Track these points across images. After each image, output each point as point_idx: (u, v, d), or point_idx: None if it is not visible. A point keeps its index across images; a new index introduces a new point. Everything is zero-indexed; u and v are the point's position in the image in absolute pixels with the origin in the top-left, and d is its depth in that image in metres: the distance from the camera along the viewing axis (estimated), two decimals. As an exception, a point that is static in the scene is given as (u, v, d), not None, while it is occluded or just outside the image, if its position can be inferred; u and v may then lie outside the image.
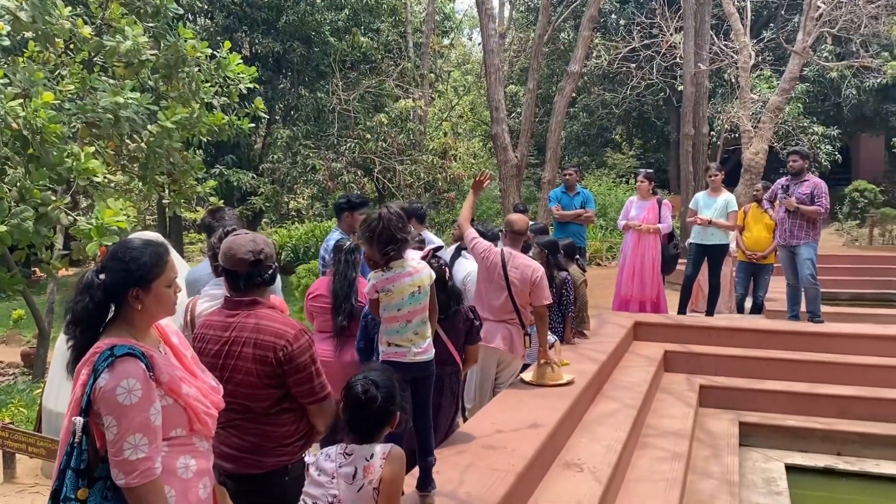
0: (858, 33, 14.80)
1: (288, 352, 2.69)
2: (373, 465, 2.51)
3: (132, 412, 2.08)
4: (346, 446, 2.57)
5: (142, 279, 2.22)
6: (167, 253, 2.32)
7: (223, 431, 2.80)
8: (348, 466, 2.52)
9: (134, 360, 2.12)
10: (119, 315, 2.25)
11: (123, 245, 2.28)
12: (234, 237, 2.88)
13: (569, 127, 24.06)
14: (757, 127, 13.28)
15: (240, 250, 2.80)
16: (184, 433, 2.28)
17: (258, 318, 2.76)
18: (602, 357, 5.92)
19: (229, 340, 2.76)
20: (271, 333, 2.71)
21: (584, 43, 11.85)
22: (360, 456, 2.54)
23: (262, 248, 2.82)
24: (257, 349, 2.70)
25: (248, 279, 2.80)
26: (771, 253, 9.02)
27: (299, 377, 2.73)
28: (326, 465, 2.56)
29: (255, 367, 2.70)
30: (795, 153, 7.82)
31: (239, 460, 2.77)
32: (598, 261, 17.34)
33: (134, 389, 2.09)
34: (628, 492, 4.36)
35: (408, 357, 3.23)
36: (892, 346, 6.87)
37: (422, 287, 3.26)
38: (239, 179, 15.12)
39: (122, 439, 2.07)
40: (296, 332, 2.75)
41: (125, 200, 5.61)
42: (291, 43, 16.50)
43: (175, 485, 2.24)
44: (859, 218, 18.16)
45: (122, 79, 6.41)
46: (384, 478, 2.49)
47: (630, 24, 18.33)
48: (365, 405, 2.55)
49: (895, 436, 5.86)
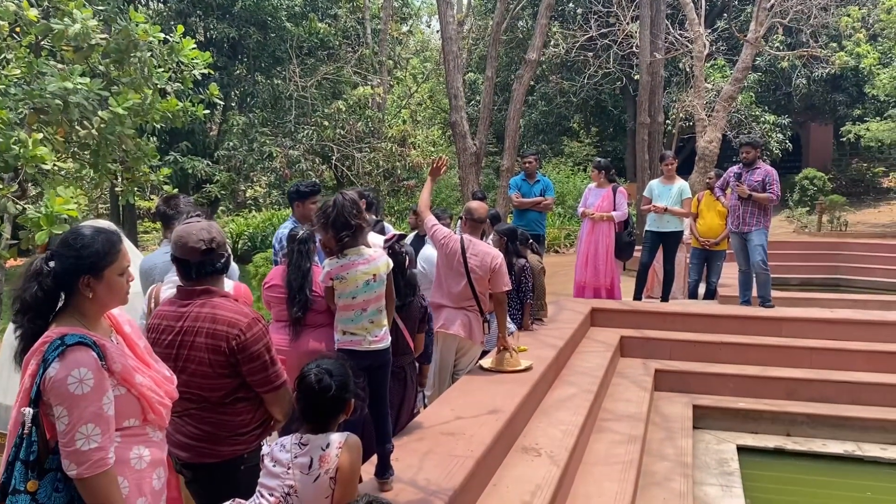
0: (808, 24, 15.14)
1: (241, 341, 2.67)
2: (329, 454, 2.48)
3: (84, 402, 2.05)
4: (301, 436, 2.54)
5: (93, 266, 2.18)
6: (120, 241, 2.28)
7: (179, 420, 2.78)
8: (304, 457, 2.49)
9: (85, 349, 2.09)
10: (69, 304, 2.21)
11: (75, 232, 2.24)
12: (184, 225, 2.84)
13: (527, 115, 24.16)
14: (711, 116, 13.50)
15: (191, 239, 2.76)
16: (137, 423, 2.26)
17: (211, 307, 2.72)
18: (560, 343, 5.99)
19: (182, 330, 2.73)
20: (224, 323, 2.68)
21: (541, 31, 11.90)
22: (315, 446, 2.51)
23: (214, 237, 2.79)
24: (210, 339, 2.67)
25: (200, 268, 2.77)
26: (723, 239, 9.20)
27: (253, 366, 2.71)
28: (281, 456, 2.52)
29: (208, 356, 2.68)
30: (748, 144, 7.98)
31: (194, 449, 2.75)
32: (557, 248, 17.49)
33: (85, 379, 2.05)
34: (585, 475, 4.44)
35: (363, 345, 3.22)
36: (838, 329, 7.08)
37: (377, 275, 3.25)
38: (194, 167, 14.84)
39: (73, 429, 2.04)
40: (249, 320, 2.72)
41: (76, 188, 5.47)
42: (247, 28, 16.25)
43: (129, 475, 2.21)
44: (809, 205, 18.61)
45: (70, 63, 6.22)
46: (340, 467, 2.47)
47: (587, 12, 18.44)
48: (319, 394, 2.53)
49: (841, 416, 6.06)
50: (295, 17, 16.84)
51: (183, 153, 14.92)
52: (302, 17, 16.96)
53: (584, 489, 4.23)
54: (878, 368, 6.56)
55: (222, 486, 2.73)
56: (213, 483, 2.76)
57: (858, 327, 7.07)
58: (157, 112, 6.69)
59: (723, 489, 5.02)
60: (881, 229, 17.59)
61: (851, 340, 6.92)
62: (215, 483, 2.75)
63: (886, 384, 6.32)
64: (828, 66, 17.68)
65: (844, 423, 6.04)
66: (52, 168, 5.85)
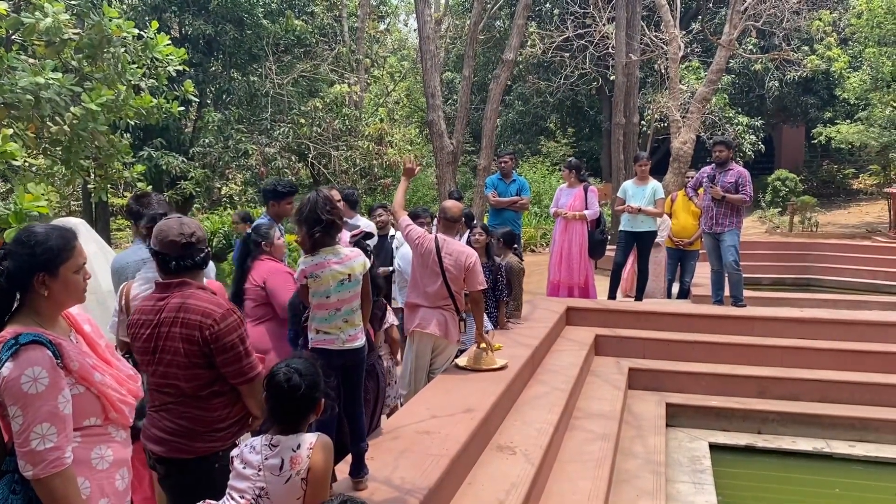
0: (781, 28, 15.36)
1: (214, 331, 2.66)
2: (300, 455, 2.46)
3: (38, 401, 2.03)
4: (272, 437, 2.51)
5: (48, 264, 2.16)
6: (75, 238, 2.27)
7: (155, 414, 2.80)
8: (275, 458, 2.46)
9: (40, 348, 2.07)
10: (24, 303, 2.18)
11: (28, 230, 2.22)
12: (165, 220, 2.86)
13: (504, 115, 24.23)
14: (685, 117, 13.66)
15: (171, 233, 2.77)
16: (98, 422, 2.24)
17: (186, 297, 2.73)
18: (535, 342, 6.02)
19: (159, 322, 2.73)
20: (198, 312, 2.69)
21: (518, 31, 11.95)
22: (286, 447, 2.48)
23: (194, 231, 2.80)
24: (184, 328, 2.68)
25: (179, 261, 2.77)
26: (697, 239, 9.30)
27: (227, 357, 2.70)
28: (252, 458, 2.49)
29: (182, 346, 2.68)
30: (721, 143, 8.06)
31: (169, 444, 2.75)
32: (533, 247, 17.56)
33: (40, 378, 2.03)
34: (559, 472, 4.47)
35: (336, 344, 3.21)
36: (808, 328, 7.19)
37: (352, 275, 3.25)
38: (168, 163, 14.67)
39: (28, 429, 2.02)
40: (223, 311, 2.72)
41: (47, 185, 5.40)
42: (223, 25, 16.08)
43: (90, 476, 2.19)
44: (781, 206, 18.87)
45: (42, 58, 6.14)
46: (312, 467, 2.45)
47: (564, 13, 18.55)
48: (288, 393, 2.50)
49: (811, 414, 6.17)
50: (271, 14, 16.71)
51: (157, 149, 14.76)
52: (278, 13, 16.83)
53: (558, 487, 4.27)
54: (847, 367, 6.68)
55: (195, 483, 2.71)
56: (185, 480, 2.75)
57: (828, 326, 7.18)
58: (130, 108, 6.62)
59: (695, 486, 5.08)
60: (851, 230, 17.89)
61: (821, 339, 7.03)
62: (188, 480, 2.74)
63: (855, 382, 6.43)
64: (800, 69, 17.95)
65: (814, 421, 6.14)
66: (23, 164, 5.77)
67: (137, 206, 4.11)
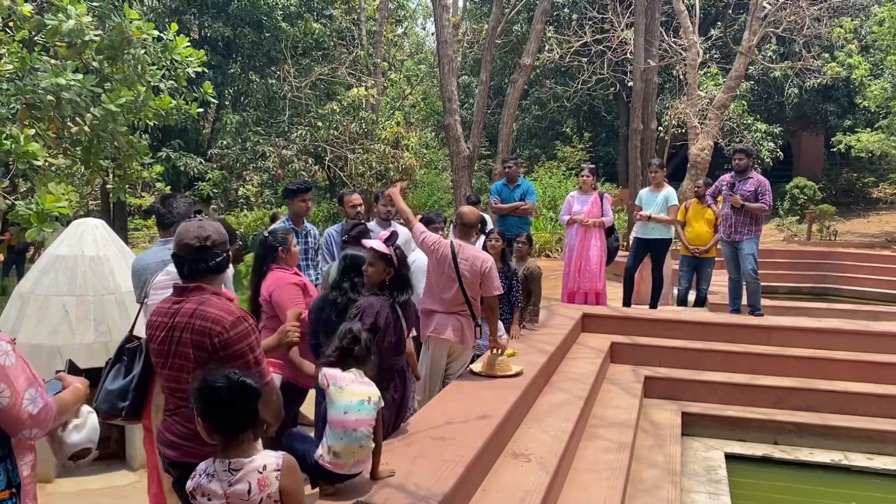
0: (801, 34, 15.23)
1: (224, 339, 2.66)
2: (267, 477, 2.30)
3: (15, 370, 2.21)
4: (229, 462, 2.31)
5: None
6: None
7: (169, 419, 2.82)
8: (240, 483, 2.29)
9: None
10: None
11: None
12: (186, 222, 2.86)
13: (521, 119, 24.21)
14: (703, 123, 13.58)
15: (187, 235, 2.76)
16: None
17: (199, 303, 2.73)
18: (550, 348, 5.99)
19: (172, 326, 2.75)
20: (209, 319, 2.68)
21: (536, 36, 11.94)
22: (250, 469, 2.30)
23: (210, 235, 2.78)
24: (195, 335, 2.68)
25: (193, 265, 2.76)
26: (712, 247, 9.24)
27: (236, 364, 2.68)
28: (213, 487, 2.31)
29: (193, 352, 2.69)
30: (741, 151, 8.00)
31: (181, 448, 2.76)
32: (548, 252, 17.50)
33: (7, 351, 2.22)
34: (574, 481, 4.44)
35: (344, 469, 3.13)
36: (826, 338, 7.13)
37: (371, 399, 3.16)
38: (186, 164, 14.79)
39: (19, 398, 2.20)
40: (234, 318, 2.70)
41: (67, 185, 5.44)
42: (242, 28, 16.19)
43: (23, 481, 2.34)
44: (799, 214, 18.71)
45: (64, 59, 6.20)
46: (285, 491, 2.31)
47: (582, 18, 18.50)
48: (227, 401, 2.30)
49: (827, 425, 6.10)
50: (290, 17, 16.79)
51: (175, 150, 14.87)
52: (297, 17, 16.91)
53: (572, 495, 4.24)
54: (864, 378, 6.60)
55: None
56: None
57: (846, 337, 7.11)
58: (150, 109, 6.67)
59: (710, 497, 5.03)
60: (870, 239, 17.71)
61: (839, 350, 6.97)
62: None
63: (873, 394, 6.36)
64: (820, 76, 17.79)
65: (831, 433, 6.07)
66: (44, 164, 5.82)
67: (160, 208, 4.14)
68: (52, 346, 5.01)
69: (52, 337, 5.06)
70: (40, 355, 4.96)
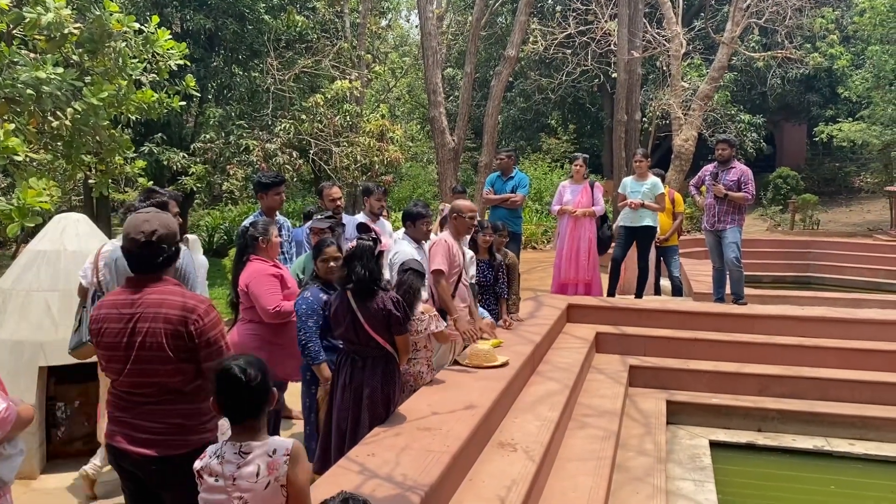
0: (784, 25, 15.32)
1: (199, 326, 2.66)
2: (276, 461, 2.36)
3: None
4: (240, 444, 2.39)
5: None
6: None
7: (133, 420, 2.74)
8: (249, 465, 2.35)
9: None
10: None
11: None
12: (133, 215, 2.77)
13: (505, 111, 24.20)
14: (687, 114, 13.64)
15: (133, 230, 2.69)
16: None
17: (167, 294, 2.71)
18: (536, 338, 6.01)
19: (134, 317, 2.67)
20: (181, 308, 2.67)
21: (520, 28, 11.93)
22: (261, 453, 2.37)
23: (156, 229, 2.70)
24: (168, 324, 2.64)
25: (140, 260, 2.72)
26: (672, 234, 9.29)
27: (210, 351, 2.69)
28: (222, 468, 2.37)
29: (166, 341, 2.65)
30: (724, 141, 8.04)
31: (161, 444, 2.73)
32: (534, 244, 17.54)
33: None
34: (560, 470, 4.46)
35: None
36: (809, 326, 7.19)
37: None
38: (169, 159, 14.66)
39: None
40: (206, 306, 2.73)
41: (48, 180, 5.38)
42: (224, 20, 16.03)
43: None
44: (782, 203, 18.85)
45: (43, 53, 6.13)
46: (293, 480, 2.35)
47: (566, 10, 18.50)
48: (246, 387, 2.37)
49: (811, 412, 6.16)
50: (273, 10, 16.66)
51: (158, 145, 14.74)
52: (280, 9, 16.78)
53: (559, 484, 4.26)
54: (847, 365, 6.67)
55: (189, 476, 2.70)
56: (186, 473, 2.74)
57: (829, 325, 7.18)
58: (131, 103, 6.61)
59: (696, 484, 5.08)
60: (852, 228, 17.89)
61: (822, 337, 7.03)
62: (182, 475, 2.70)
63: (855, 381, 6.43)
64: (802, 66, 17.93)
65: (814, 419, 6.13)
66: (24, 159, 5.76)
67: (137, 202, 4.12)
68: (35, 342, 4.97)
69: (35, 333, 5.02)
70: (23, 351, 4.92)
